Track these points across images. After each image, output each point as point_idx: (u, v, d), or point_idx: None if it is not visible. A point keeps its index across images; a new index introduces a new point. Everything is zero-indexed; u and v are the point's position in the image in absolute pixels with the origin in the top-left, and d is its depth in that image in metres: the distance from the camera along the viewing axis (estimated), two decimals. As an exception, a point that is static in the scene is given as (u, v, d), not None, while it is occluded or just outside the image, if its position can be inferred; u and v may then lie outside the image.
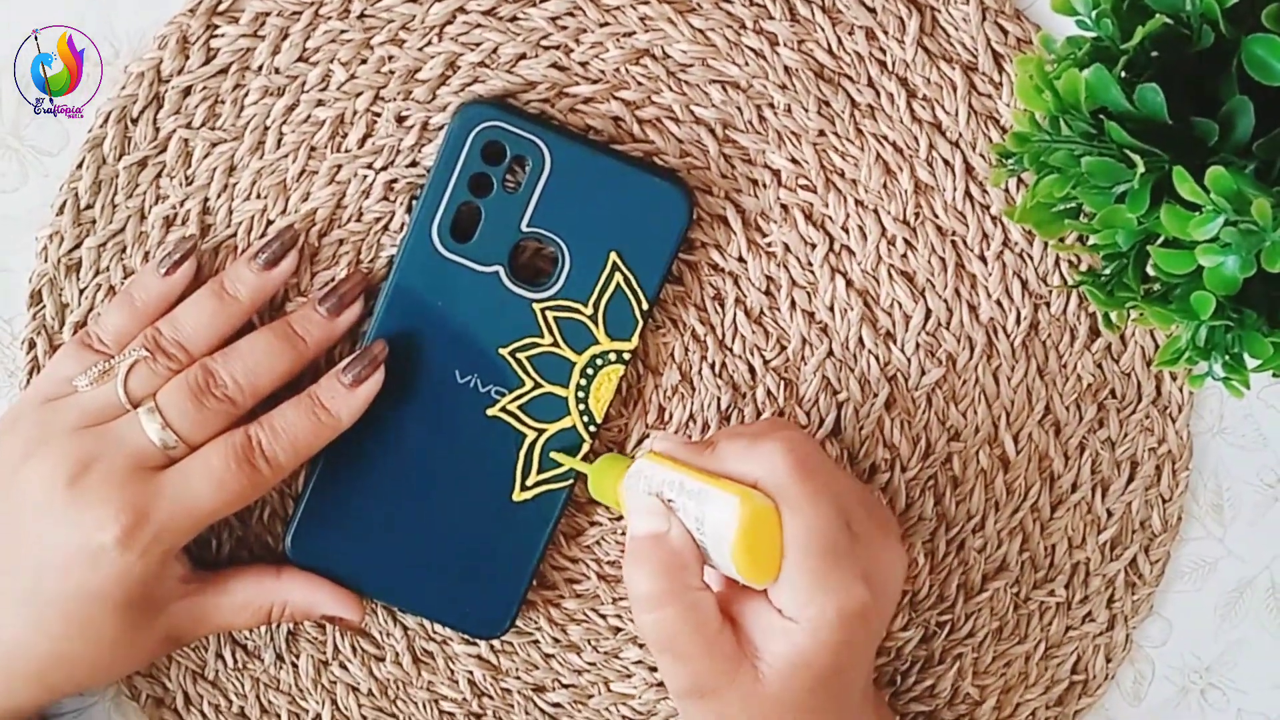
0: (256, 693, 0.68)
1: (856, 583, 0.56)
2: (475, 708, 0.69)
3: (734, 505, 0.55)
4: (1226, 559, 0.69)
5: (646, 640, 0.57)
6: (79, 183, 0.64)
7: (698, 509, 0.56)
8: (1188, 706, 0.70)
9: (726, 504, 0.55)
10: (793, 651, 0.56)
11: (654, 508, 0.57)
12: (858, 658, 0.58)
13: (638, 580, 0.56)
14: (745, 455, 0.56)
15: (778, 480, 0.56)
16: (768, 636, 0.56)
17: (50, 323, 0.65)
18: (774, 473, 0.56)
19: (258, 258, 0.63)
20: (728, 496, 0.55)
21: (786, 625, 0.55)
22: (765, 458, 0.56)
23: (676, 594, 0.56)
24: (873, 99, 0.64)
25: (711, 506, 0.55)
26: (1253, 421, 0.68)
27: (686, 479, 0.56)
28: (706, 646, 0.56)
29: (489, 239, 0.63)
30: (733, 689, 0.56)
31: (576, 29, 0.64)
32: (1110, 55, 0.50)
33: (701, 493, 0.56)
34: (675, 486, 0.56)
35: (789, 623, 0.55)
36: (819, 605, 0.55)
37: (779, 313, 0.66)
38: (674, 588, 0.56)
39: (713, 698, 0.56)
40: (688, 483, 0.56)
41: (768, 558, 0.55)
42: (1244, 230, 0.46)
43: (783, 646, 0.56)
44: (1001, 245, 0.65)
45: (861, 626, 0.56)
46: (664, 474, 0.57)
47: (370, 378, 0.62)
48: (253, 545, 0.67)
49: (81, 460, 0.60)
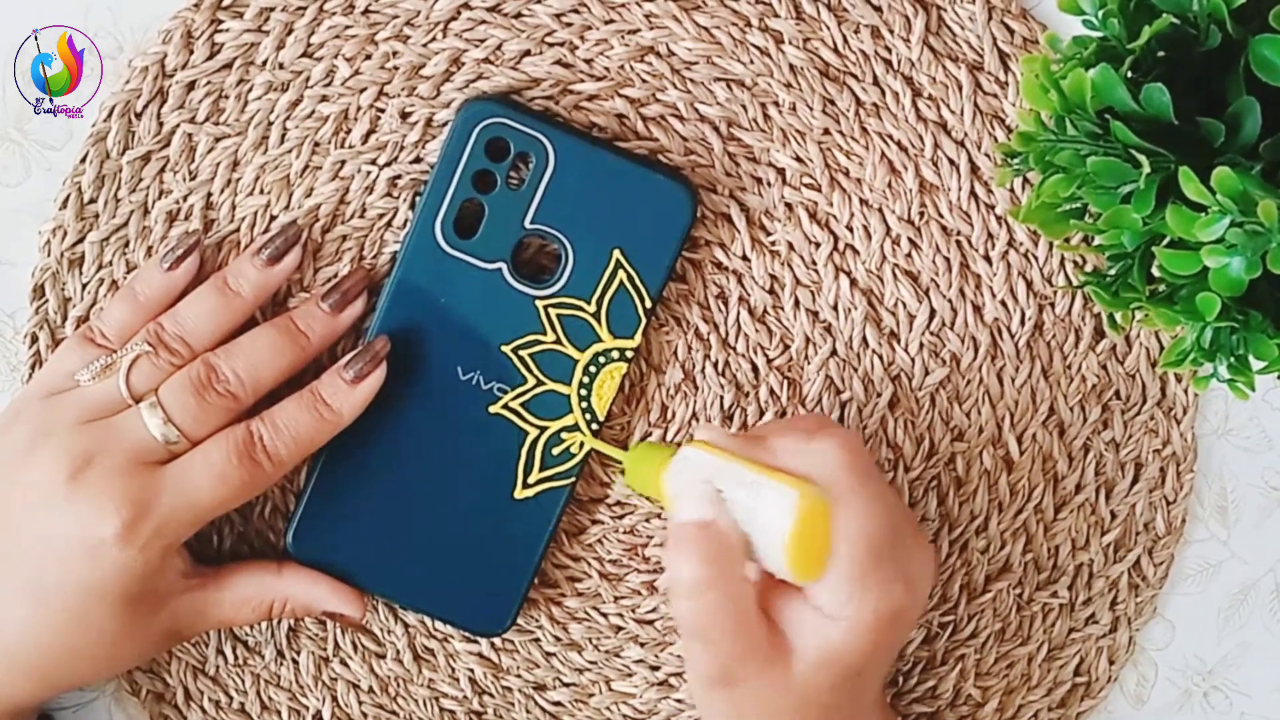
0: (257, 689, 0.68)
1: (897, 584, 0.56)
2: (476, 706, 0.68)
3: (792, 499, 0.54)
4: (1230, 561, 0.69)
5: (681, 626, 0.57)
6: (82, 177, 0.64)
7: (750, 500, 0.55)
8: (1191, 709, 0.70)
9: (784, 497, 0.55)
10: (827, 648, 0.56)
11: (706, 495, 0.56)
12: (883, 658, 0.58)
13: (682, 566, 0.56)
14: (800, 451, 0.56)
15: (832, 477, 0.55)
16: (802, 632, 0.56)
17: (52, 317, 0.65)
18: (828, 469, 0.55)
19: (261, 253, 0.63)
20: (786, 490, 0.55)
21: (824, 622, 0.55)
22: (820, 454, 0.56)
23: (719, 582, 0.55)
24: (878, 97, 0.64)
25: (767, 499, 0.55)
26: (1258, 424, 0.68)
27: (743, 470, 0.56)
28: (743, 637, 0.56)
29: (492, 236, 0.63)
30: (761, 680, 0.56)
31: (581, 26, 0.63)
32: (1116, 55, 0.50)
33: (757, 484, 0.55)
34: (728, 476, 0.56)
35: (827, 620, 0.55)
36: (859, 605, 0.55)
37: (782, 311, 0.66)
38: (717, 576, 0.55)
39: (740, 687, 0.56)
40: (744, 474, 0.56)
41: (818, 554, 0.55)
42: (1250, 231, 0.46)
43: (818, 642, 0.56)
44: (1006, 245, 0.65)
45: (895, 628, 0.56)
46: (715, 463, 0.57)
47: (372, 374, 0.62)
48: (254, 541, 0.67)
49: (83, 454, 0.60)
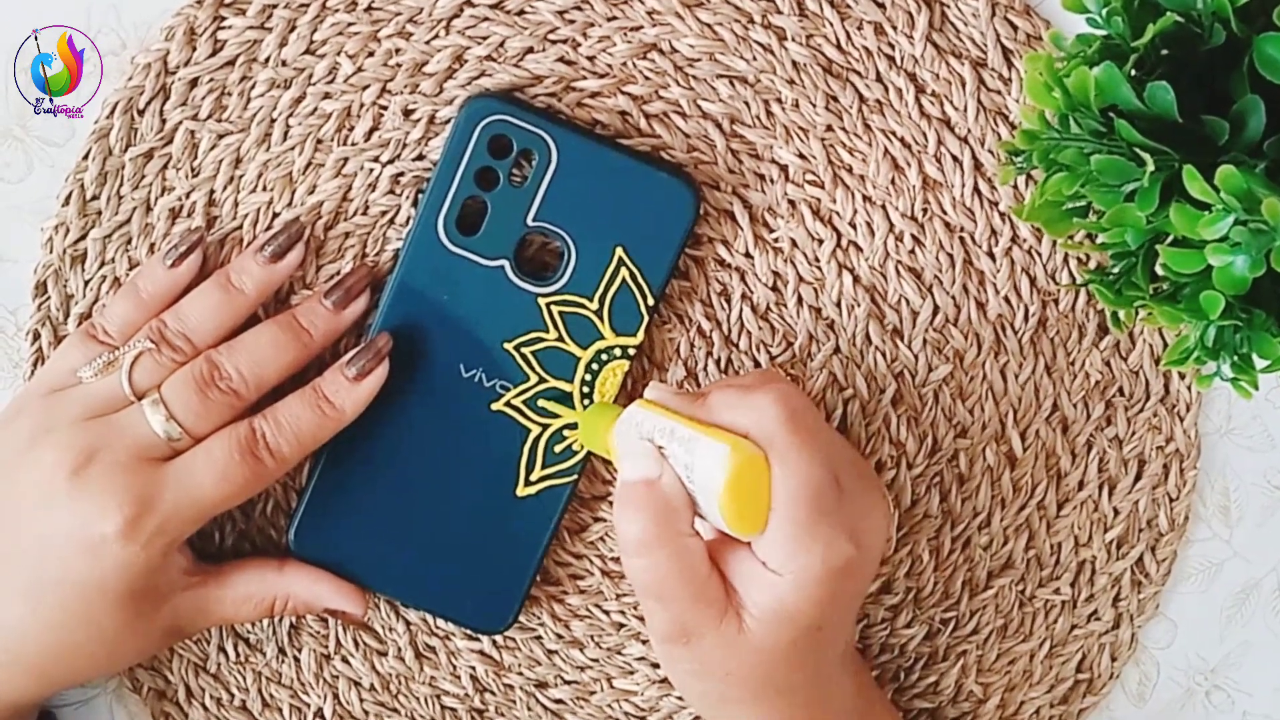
0: (258, 686, 0.68)
1: (841, 538, 0.55)
2: (477, 703, 0.68)
3: (724, 454, 0.54)
4: (1233, 560, 0.69)
5: (634, 584, 0.57)
6: (85, 174, 0.64)
7: (687, 456, 0.55)
8: (1193, 708, 0.70)
9: (716, 452, 0.55)
10: (776, 603, 0.56)
11: (646, 452, 0.56)
12: (840, 614, 0.58)
13: (628, 525, 0.56)
14: (736, 405, 0.56)
15: (768, 431, 0.55)
16: (752, 587, 0.56)
17: (55, 314, 0.65)
18: (765, 424, 0.55)
19: (263, 250, 0.63)
20: (718, 445, 0.55)
21: (771, 577, 0.56)
22: (756, 408, 0.56)
23: (666, 539, 0.56)
24: (881, 94, 0.64)
25: (701, 454, 0.55)
26: (1260, 423, 0.68)
27: (678, 426, 0.56)
28: (694, 591, 0.56)
29: (495, 233, 0.63)
30: (716, 634, 0.56)
31: (584, 23, 0.63)
32: (1120, 53, 0.49)
33: (692, 440, 0.55)
34: (667, 433, 0.56)
35: (773, 575, 0.56)
36: (804, 559, 0.55)
37: (785, 308, 0.66)
38: (664, 533, 0.56)
39: (696, 642, 0.57)
40: (679, 430, 0.56)
41: (755, 508, 0.55)
42: (1254, 230, 0.45)
43: (767, 598, 0.56)
44: (1010, 242, 0.65)
45: (846, 582, 0.56)
46: (656, 420, 0.57)
47: (374, 371, 0.62)
48: (255, 538, 0.67)
49: (85, 451, 0.60)
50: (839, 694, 0.61)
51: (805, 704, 0.59)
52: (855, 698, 0.62)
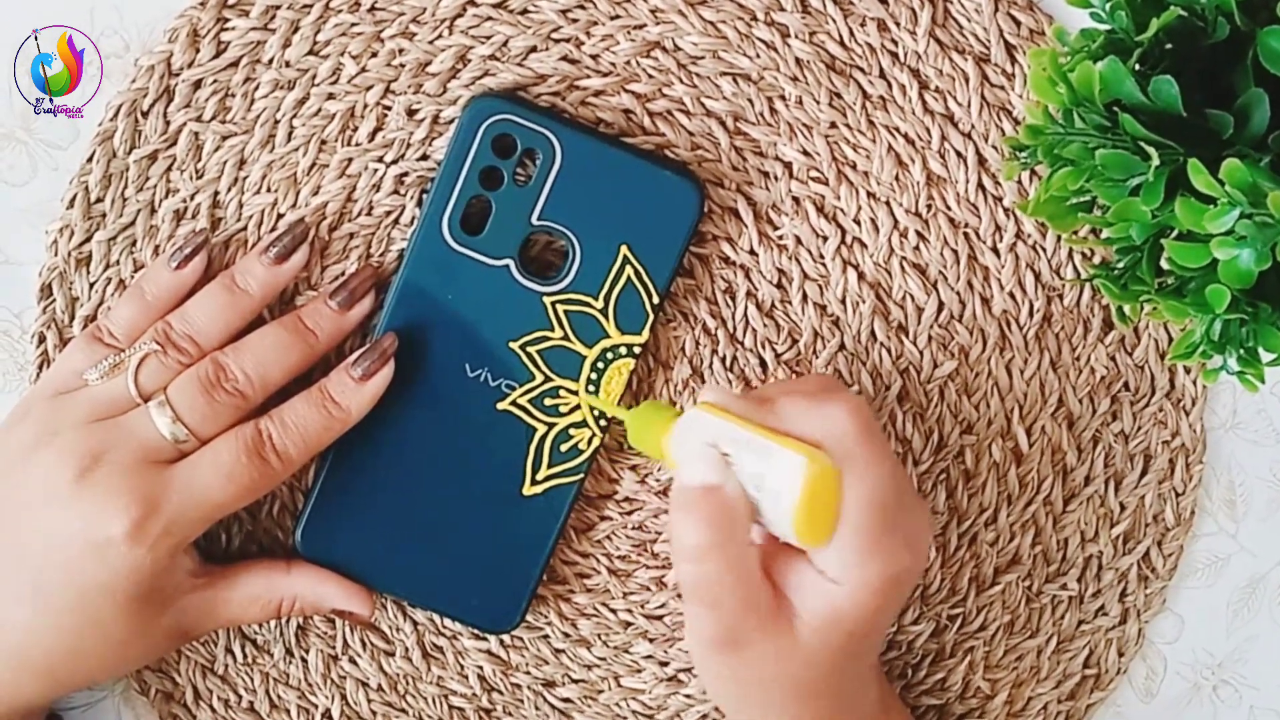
0: (266, 687, 0.68)
1: (902, 548, 0.56)
2: (485, 703, 0.68)
3: (801, 465, 0.54)
4: (1239, 555, 0.69)
5: (684, 588, 0.57)
6: (89, 176, 0.64)
7: (758, 465, 0.55)
8: (1200, 703, 0.70)
9: (793, 463, 0.54)
10: (831, 612, 0.56)
11: (711, 459, 0.56)
12: (886, 621, 0.58)
13: (686, 530, 0.56)
14: (809, 414, 0.56)
15: (842, 443, 0.55)
16: (808, 596, 0.56)
17: (60, 317, 0.65)
18: (839, 435, 0.55)
19: (268, 251, 0.63)
20: (795, 456, 0.54)
21: (828, 586, 0.55)
22: (830, 419, 0.55)
23: (724, 547, 0.55)
24: (885, 91, 0.64)
25: (776, 464, 0.55)
26: (1266, 416, 0.68)
27: (750, 435, 0.56)
28: (747, 599, 0.56)
29: (499, 232, 0.63)
30: (764, 644, 0.56)
31: (587, 21, 0.63)
32: (1124, 48, 0.49)
33: (766, 449, 0.55)
34: (739, 442, 0.56)
35: (831, 584, 0.55)
36: (865, 570, 0.55)
37: (790, 306, 0.66)
38: (722, 541, 0.55)
39: (745, 649, 0.56)
40: (752, 439, 0.55)
41: (826, 520, 0.55)
42: (1259, 223, 0.45)
43: (822, 605, 0.56)
44: (1014, 237, 0.65)
45: (898, 591, 0.56)
46: (721, 426, 0.56)
47: (380, 371, 0.62)
48: (262, 539, 0.67)
49: (91, 453, 0.60)
50: (865, 698, 0.61)
51: (837, 708, 0.59)
52: (877, 702, 0.63)
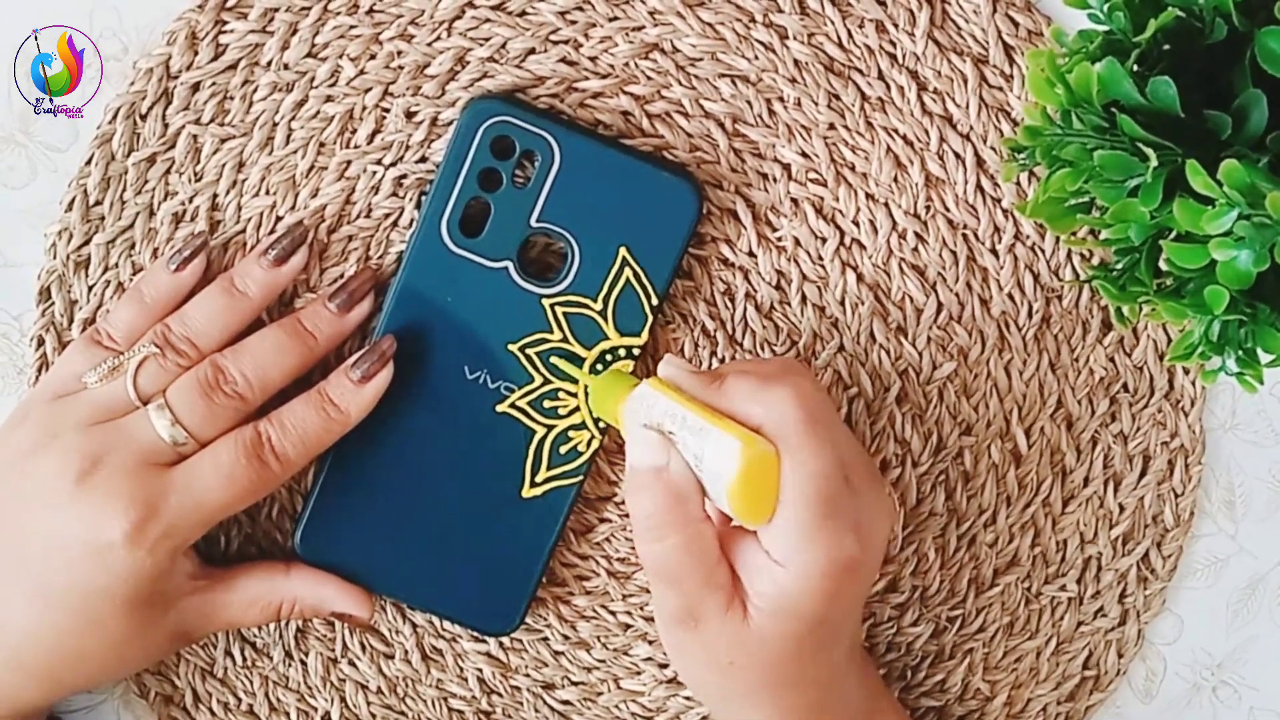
0: (265, 690, 0.68)
1: (848, 535, 0.56)
2: (484, 705, 0.68)
3: (735, 449, 0.54)
4: (1238, 555, 0.69)
5: (646, 566, 0.58)
6: (88, 179, 0.64)
7: (697, 445, 0.55)
8: (1199, 704, 0.70)
9: (728, 447, 0.54)
10: (779, 594, 0.56)
11: (654, 441, 0.56)
12: (844, 610, 0.58)
13: (640, 509, 0.57)
14: (753, 396, 0.56)
15: (784, 428, 0.55)
16: (756, 577, 0.56)
17: (59, 319, 0.65)
18: (781, 420, 0.55)
19: (267, 254, 0.63)
20: (730, 439, 0.55)
21: (775, 568, 0.56)
22: (774, 403, 0.56)
23: (678, 525, 0.56)
24: (883, 92, 0.64)
25: (712, 446, 0.55)
26: (1265, 417, 0.68)
27: (689, 414, 0.56)
28: (704, 576, 0.56)
29: (498, 234, 0.63)
30: (722, 621, 0.57)
31: (586, 23, 0.63)
32: (1122, 49, 0.49)
33: (703, 431, 0.55)
34: (677, 420, 0.56)
35: (777, 566, 0.56)
36: (809, 553, 0.55)
37: (789, 307, 0.66)
38: (675, 519, 0.56)
39: (703, 627, 0.57)
40: (690, 418, 0.56)
41: (764, 501, 0.55)
42: (1258, 224, 0.45)
43: (770, 588, 0.56)
44: (1013, 238, 0.65)
45: (849, 578, 0.56)
46: (666, 405, 0.57)
47: (379, 374, 0.62)
48: (261, 542, 0.67)
49: (91, 456, 0.60)
50: (845, 692, 0.61)
51: (810, 701, 0.59)
52: (862, 696, 0.63)
